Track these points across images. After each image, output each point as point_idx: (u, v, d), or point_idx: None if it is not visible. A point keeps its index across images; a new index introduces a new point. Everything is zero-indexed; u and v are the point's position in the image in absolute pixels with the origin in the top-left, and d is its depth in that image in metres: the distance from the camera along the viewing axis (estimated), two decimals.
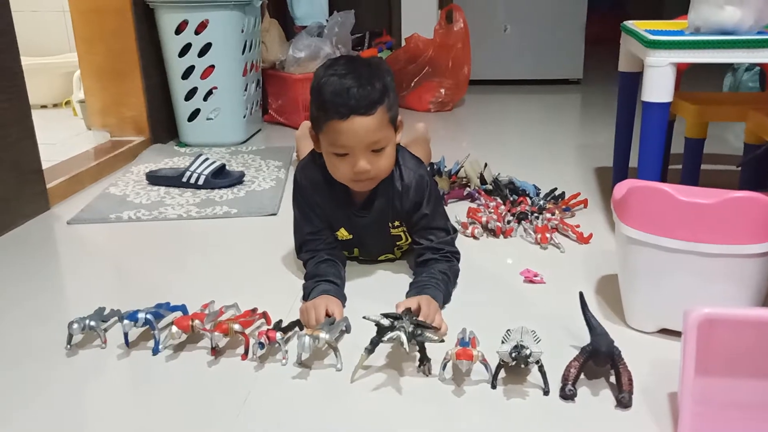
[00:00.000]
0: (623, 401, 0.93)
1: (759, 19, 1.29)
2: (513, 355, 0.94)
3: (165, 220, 1.69)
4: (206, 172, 1.90)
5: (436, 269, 1.26)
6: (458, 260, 1.32)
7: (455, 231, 1.38)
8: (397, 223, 1.34)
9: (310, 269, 1.30)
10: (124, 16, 2.24)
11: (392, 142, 1.23)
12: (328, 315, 1.13)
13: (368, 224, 1.33)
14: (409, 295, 1.21)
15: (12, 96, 1.67)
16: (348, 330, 1.13)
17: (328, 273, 1.26)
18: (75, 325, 1.08)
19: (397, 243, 1.39)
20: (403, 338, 0.97)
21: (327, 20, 2.85)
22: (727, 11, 1.29)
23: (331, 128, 1.17)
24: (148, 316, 1.09)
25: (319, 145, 1.24)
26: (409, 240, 1.37)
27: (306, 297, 1.23)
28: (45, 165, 1.81)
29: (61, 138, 2.42)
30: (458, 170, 1.83)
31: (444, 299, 1.22)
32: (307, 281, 1.28)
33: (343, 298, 1.23)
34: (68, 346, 1.10)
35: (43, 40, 3.10)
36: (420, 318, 1.08)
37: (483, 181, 1.81)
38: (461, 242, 1.51)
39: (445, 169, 1.81)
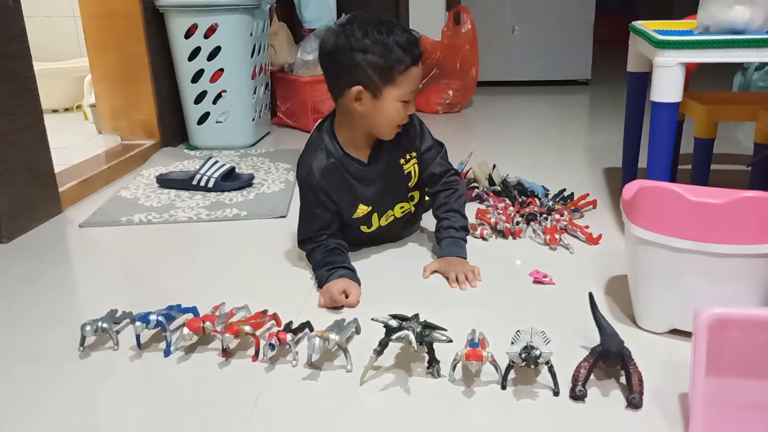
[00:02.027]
0: (633, 402, 0.93)
1: None
2: (523, 355, 0.94)
3: (175, 223, 1.70)
4: (216, 175, 1.92)
5: (451, 215, 1.42)
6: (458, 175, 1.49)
7: (442, 145, 1.51)
8: (408, 156, 1.42)
9: (320, 257, 1.33)
10: (135, 20, 2.26)
11: None
12: (346, 296, 1.22)
13: (381, 171, 1.39)
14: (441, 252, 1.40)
15: (25, 101, 1.69)
16: (358, 331, 1.13)
17: (340, 261, 1.32)
18: (88, 327, 1.09)
19: (409, 185, 1.45)
20: (411, 337, 0.97)
21: (335, 23, 2.86)
22: (736, 10, 1.29)
23: (409, 76, 1.28)
24: (160, 318, 1.10)
25: (376, 103, 1.29)
26: (418, 177, 1.45)
27: (322, 284, 1.28)
28: (57, 169, 1.83)
29: (72, 142, 2.44)
30: (464, 170, 1.83)
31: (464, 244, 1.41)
32: (320, 270, 1.31)
33: (359, 283, 1.29)
34: (81, 348, 1.11)
35: (54, 45, 3.13)
36: (459, 278, 1.30)
37: (491, 182, 1.81)
38: (470, 245, 1.52)
39: None
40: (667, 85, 1.33)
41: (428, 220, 1.56)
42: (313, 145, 1.38)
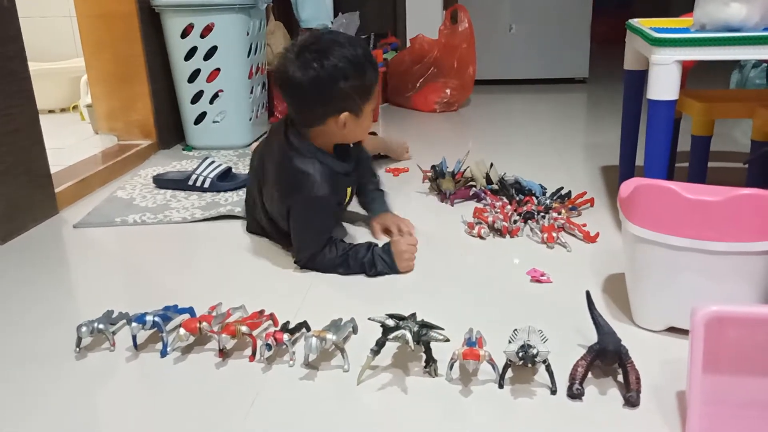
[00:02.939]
0: (631, 400, 0.93)
1: (765, 16, 1.29)
2: (520, 354, 0.94)
3: (170, 224, 1.70)
4: (212, 175, 1.91)
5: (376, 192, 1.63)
6: None
7: None
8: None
9: (340, 251, 1.37)
10: (131, 20, 2.25)
11: None
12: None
13: (349, 170, 1.45)
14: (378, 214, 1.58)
15: (20, 102, 1.68)
16: (355, 331, 1.13)
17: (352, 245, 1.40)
18: (84, 328, 1.09)
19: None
20: (408, 336, 0.97)
21: (332, 22, 2.85)
22: (732, 8, 1.29)
23: (376, 90, 1.38)
24: (156, 319, 1.09)
25: (357, 121, 1.36)
26: None
27: (375, 265, 1.34)
28: (53, 169, 1.82)
29: (69, 142, 2.44)
30: (461, 168, 1.83)
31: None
32: (365, 256, 1.35)
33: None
34: (77, 349, 1.11)
35: (50, 45, 3.12)
36: (400, 227, 1.51)
37: (489, 181, 1.81)
38: (468, 243, 1.52)
39: (448, 170, 1.81)
40: (664, 83, 1.32)
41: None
42: (303, 162, 1.34)
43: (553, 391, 0.96)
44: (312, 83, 1.28)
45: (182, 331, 1.07)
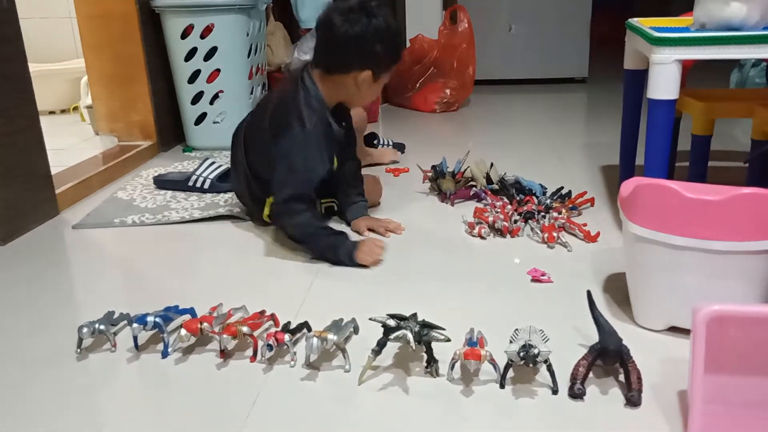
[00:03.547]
0: (632, 400, 0.92)
1: (765, 15, 1.29)
2: (521, 354, 0.94)
3: (169, 224, 1.70)
4: (212, 175, 1.91)
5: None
6: None
7: None
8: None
9: (322, 227, 1.46)
10: (131, 21, 2.25)
11: None
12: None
13: (341, 134, 1.55)
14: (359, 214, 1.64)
15: (20, 102, 1.68)
16: (356, 331, 1.13)
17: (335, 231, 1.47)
18: (85, 329, 1.09)
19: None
20: (409, 336, 0.97)
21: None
22: (732, 7, 1.29)
23: (394, 67, 1.50)
24: (157, 320, 1.09)
25: (372, 85, 1.47)
26: None
27: (337, 249, 1.40)
28: (54, 170, 1.82)
29: (69, 143, 2.44)
30: (461, 168, 1.83)
31: None
32: (334, 240, 1.42)
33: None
34: (78, 350, 1.11)
35: (50, 46, 3.12)
36: (387, 227, 1.57)
37: (489, 180, 1.81)
38: (469, 243, 1.52)
39: (448, 170, 1.81)
40: (664, 82, 1.32)
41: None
42: (305, 98, 1.46)
43: (555, 391, 0.96)
44: (357, 37, 1.41)
45: (183, 331, 1.07)
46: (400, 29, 1.51)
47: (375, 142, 2.25)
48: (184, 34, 2.29)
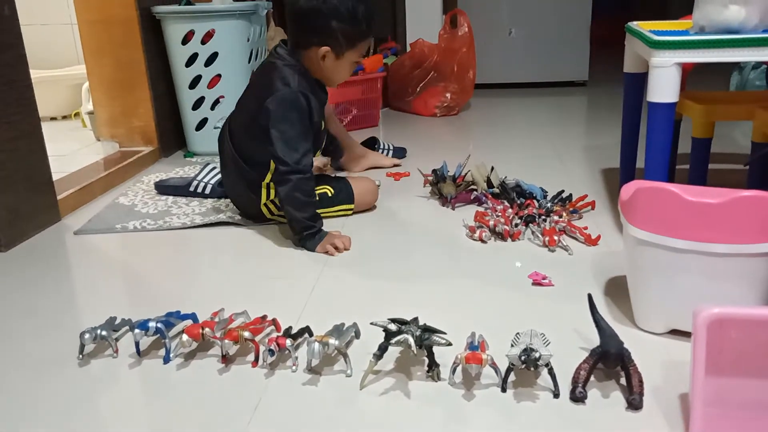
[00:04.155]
0: (634, 403, 0.93)
1: (764, 18, 1.29)
2: (522, 358, 0.94)
3: (170, 230, 1.70)
4: (213, 180, 1.92)
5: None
6: None
7: None
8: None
9: (312, 202, 1.54)
10: (131, 27, 2.26)
11: None
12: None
13: (325, 99, 1.64)
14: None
15: (22, 109, 1.69)
16: (357, 335, 1.13)
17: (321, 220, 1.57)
18: (87, 335, 1.09)
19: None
20: (411, 341, 0.97)
21: None
22: (731, 10, 1.29)
23: (365, 45, 1.56)
24: (159, 325, 1.10)
25: (337, 62, 1.54)
26: None
27: (304, 229, 1.51)
28: (55, 176, 1.83)
29: (71, 149, 2.45)
30: (461, 172, 1.83)
31: None
32: (311, 221, 1.52)
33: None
34: (80, 356, 1.11)
35: (52, 52, 3.13)
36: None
37: (490, 184, 1.81)
38: (470, 246, 1.52)
39: (449, 174, 1.81)
40: (664, 86, 1.33)
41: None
42: (282, 63, 1.54)
43: (556, 395, 0.96)
44: (310, 11, 1.50)
45: (185, 337, 1.07)
46: (363, 8, 1.50)
47: (375, 146, 2.25)
48: (185, 40, 2.30)
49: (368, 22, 1.52)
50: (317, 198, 1.59)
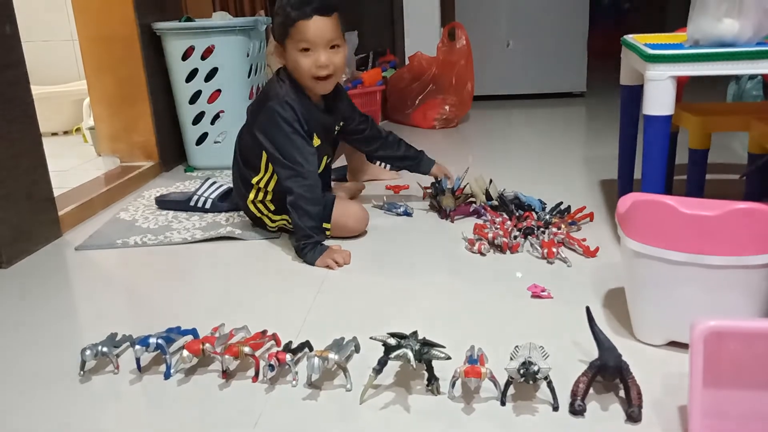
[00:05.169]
0: (633, 415, 0.93)
1: (758, 31, 1.30)
2: (521, 371, 0.94)
3: (171, 245, 1.71)
4: (213, 195, 1.93)
5: (401, 141, 1.89)
6: None
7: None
8: (341, 123, 1.76)
9: (318, 214, 1.56)
10: (132, 44, 2.28)
11: (345, 46, 1.60)
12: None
13: (330, 124, 1.70)
14: (420, 168, 1.92)
15: (23, 126, 1.70)
16: (357, 350, 1.14)
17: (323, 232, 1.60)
18: (88, 352, 1.10)
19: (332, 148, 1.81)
20: (410, 354, 0.98)
21: None
22: (725, 23, 1.30)
23: (298, 28, 1.52)
24: (160, 341, 1.10)
25: (286, 55, 1.57)
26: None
27: (308, 237, 1.53)
28: (57, 192, 1.84)
29: (72, 165, 2.46)
30: (460, 185, 1.84)
31: None
32: (312, 231, 1.53)
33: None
34: (81, 372, 1.11)
35: (53, 68, 3.15)
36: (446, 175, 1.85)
37: (489, 197, 1.82)
38: (469, 259, 1.53)
39: (448, 187, 1.82)
40: (659, 99, 1.34)
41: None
42: (276, 84, 1.59)
43: (555, 408, 0.96)
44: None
45: (185, 352, 1.08)
46: (288, 2, 1.54)
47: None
48: (185, 56, 2.32)
49: (294, 6, 1.52)
50: (322, 206, 1.59)
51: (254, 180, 1.66)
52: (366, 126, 1.83)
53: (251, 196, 1.69)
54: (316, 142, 1.64)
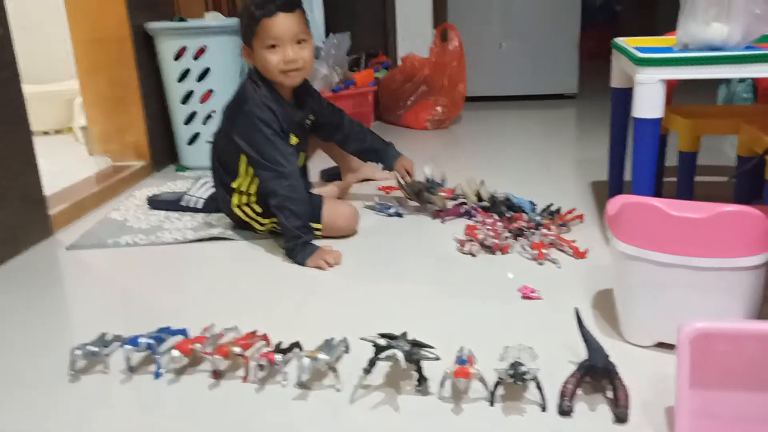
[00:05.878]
0: (620, 416, 0.94)
1: (746, 35, 1.31)
2: (510, 372, 0.95)
3: (162, 245, 1.71)
4: (205, 195, 1.92)
5: (368, 132, 1.91)
6: None
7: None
8: (312, 116, 1.75)
9: (303, 212, 1.56)
10: (125, 44, 2.27)
11: (312, 41, 1.62)
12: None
13: (302, 119, 1.70)
14: (384, 161, 1.89)
15: (14, 126, 1.70)
16: (347, 350, 1.14)
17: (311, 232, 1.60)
18: (77, 351, 1.10)
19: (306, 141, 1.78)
20: (400, 355, 0.98)
21: (323, 42, 2.88)
22: (714, 28, 1.31)
23: (263, 27, 1.54)
24: (150, 341, 1.10)
25: (254, 55, 1.59)
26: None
27: (298, 238, 1.53)
28: (48, 192, 1.83)
29: (63, 164, 2.45)
30: (445, 184, 1.84)
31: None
32: (301, 232, 1.54)
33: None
34: (71, 372, 1.11)
35: (44, 67, 3.14)
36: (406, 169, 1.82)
37: (480, 198, 1.82)
38: (460, 260, 1.53)
39: (437, 182, 1.82)
40: (649, 102, 1.35)
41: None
42: (251, 87, 1.59)
43: (544, 408, 0.97)
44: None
45: (175, 352, 1.08)
46: (252, 3, 1.57)
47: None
48: (178, 56, 2.31)
49: (257, 5, 1.54)
50: (308, 205, 1.59)
51: (234, 184, 1.67)
52: (335, 118, 1.84)
53: (235, 200, 1.69)
54: (294, 140, 1.65)
